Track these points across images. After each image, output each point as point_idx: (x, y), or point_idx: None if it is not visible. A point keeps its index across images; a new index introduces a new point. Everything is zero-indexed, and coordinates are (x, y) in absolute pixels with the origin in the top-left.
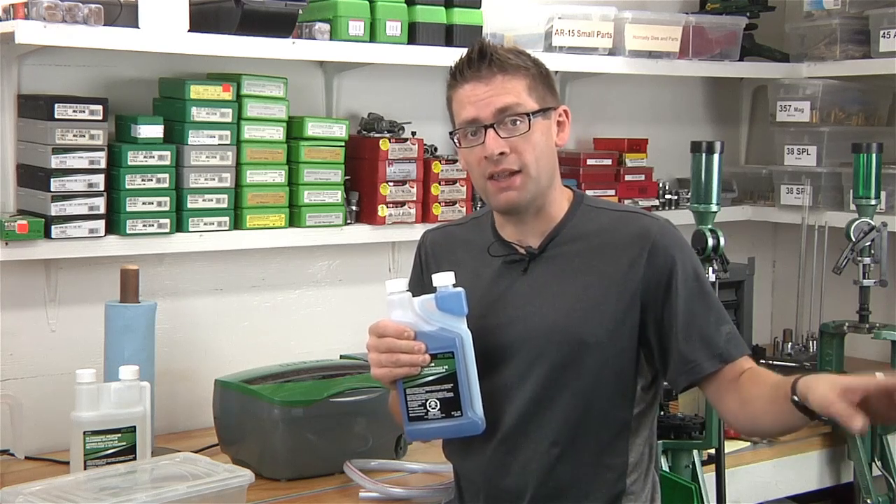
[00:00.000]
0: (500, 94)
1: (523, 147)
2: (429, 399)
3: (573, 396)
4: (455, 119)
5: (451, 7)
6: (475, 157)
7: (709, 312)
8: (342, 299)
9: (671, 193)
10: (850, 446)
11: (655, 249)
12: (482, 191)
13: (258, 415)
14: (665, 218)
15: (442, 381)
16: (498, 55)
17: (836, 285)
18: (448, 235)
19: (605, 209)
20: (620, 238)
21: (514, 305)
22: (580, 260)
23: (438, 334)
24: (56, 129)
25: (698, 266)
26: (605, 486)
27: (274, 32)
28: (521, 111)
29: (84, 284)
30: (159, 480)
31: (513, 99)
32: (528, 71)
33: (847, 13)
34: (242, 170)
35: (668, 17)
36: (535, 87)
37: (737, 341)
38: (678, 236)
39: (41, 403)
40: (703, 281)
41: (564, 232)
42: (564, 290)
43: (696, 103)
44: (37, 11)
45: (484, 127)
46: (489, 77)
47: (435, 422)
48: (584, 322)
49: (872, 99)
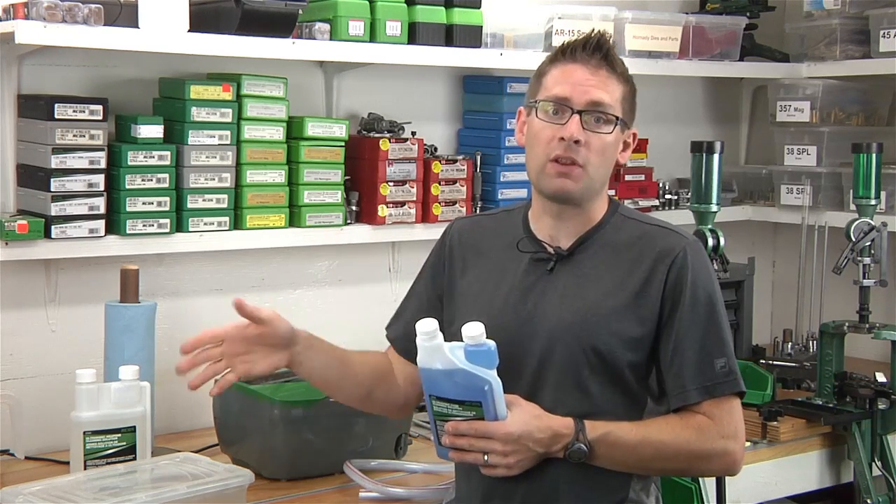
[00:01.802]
0: (600, 88)
1: (595, 146)
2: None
3: (578, 400)
4: (540, 90)
5: (451, 7)
6: (547, 134)
7: (709, 341)
8: (342, 299)
9: (671, 193)
10: (850, 446)
11: (675, 268)
12: (537, 169)
13: (258, 415)
14: (694, 238)
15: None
16: (612, 54)
17: (836, 285)
18: (477, 226)
19: (638, 221)
20: (646, 252)
21: (535, 304)
22: (605, 268)
23: (469, 382)
24: (56, 129)
25: (714, 292)
26: (609, 493)
27: (274, 32)
28: (611, 112)
29: (84, 284)
30: (159, 480)
31: (609, 98)
32: (627, 83)
33: (847, 13)
34: (242, 170)
35: (668, 17)
36: (627, 100)
37: (731, 378)
38: (701, 258)
39: (41, 403)
40: (715, 308)
41: (595, 237)
42: (585, 295)
43: (696, 103)
44: (37, 11)
45: (572, 110)
46: (596, 68)
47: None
48: (599, 330)
49: (872, 99)
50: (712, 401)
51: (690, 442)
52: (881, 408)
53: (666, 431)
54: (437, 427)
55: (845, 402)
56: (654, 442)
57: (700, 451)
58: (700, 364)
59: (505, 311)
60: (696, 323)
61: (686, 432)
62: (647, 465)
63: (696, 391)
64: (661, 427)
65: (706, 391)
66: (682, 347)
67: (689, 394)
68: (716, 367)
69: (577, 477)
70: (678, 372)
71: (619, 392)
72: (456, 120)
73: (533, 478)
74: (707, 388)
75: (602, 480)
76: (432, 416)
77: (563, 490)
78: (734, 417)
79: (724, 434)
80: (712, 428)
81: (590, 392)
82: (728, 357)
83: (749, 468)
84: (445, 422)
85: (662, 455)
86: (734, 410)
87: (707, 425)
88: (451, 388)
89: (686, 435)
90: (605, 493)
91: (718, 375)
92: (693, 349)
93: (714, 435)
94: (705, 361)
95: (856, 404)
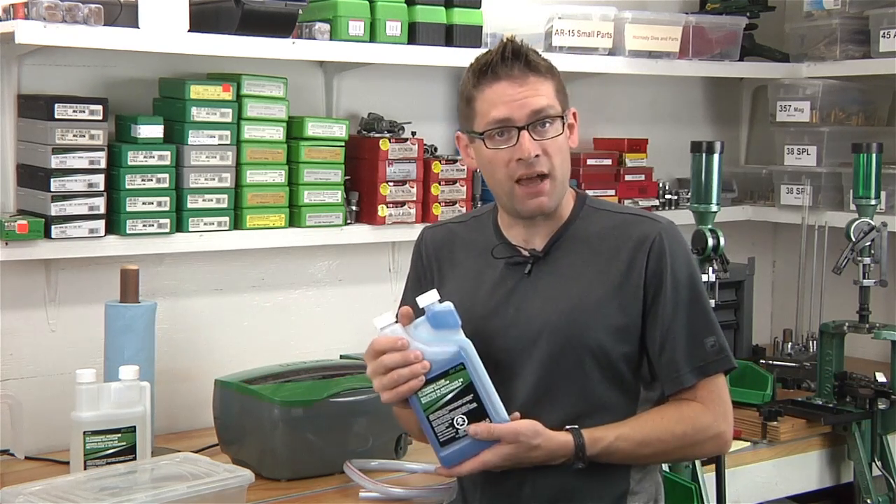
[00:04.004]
0: (535, 96)
1: (553, 150)
2: (455, 417)
3: (575, 399)
4: (476, 118)
5: (451, 7)
6: (503, 157)
7: (696, 322)
8: (342, 299)
9: (671, 193)
10: (850, 446)
11: (654, 255)
12: (506, 194)
13: (258, 415)
14: (668, 220)
15: (461, 394)
16: (531, 56)
17: (836, 285)
18: (449, 234)
19: (609, 211)
20: (622, 242)
21: (517, 307)
22: (582, 263)
23: (443, 352)
24: (56, 129)
25: (693, 272)
26: (609, 487)
27: (274, 32)
28: (554, 114)
29: (84, 284)
30: (159, 480)
31: (546, 100)
32: (553, 74)
33: (847, 13)
34: (242, 170)
35: (668, 17)
36: (559, 90)
37: (722, 355)
38: (677, 240)
39: (41, 403)
40: (696, 288)
41: (568, 234)
42: (567, 292)
43: (696, 103)
44: (37, 11)
45: (517, 128)
46: (522, 78)
47: (467, 438)
48: (586, 325)
49: (872, 99)
50: (705, 380)
51: (686, 434)
52: (881, 408)
53: (662, 428)
54: (433, 424)
55: (845, 402)
56: (651, 441)
57: (695, 440)
58: (691, 345)
59: (488, 318)
60: (681, 305)
61: (681, 426)
62: (645, 461)
63: (690, 374)
64: (657, 424)
65: (700, 371)
66: (672, 331)
67: (684, 377)
68: (706, 345)
69: (579, 474)
70: (671, 356)
71: (614, 386)
72: (456, 120)
73: (536, 475)
74: (700, 368)
75: (603, 477)
76: (424, 417)
77: (566, 486)
78: (724, 397)
79: (717, 417)
80: (706, 414)
81: (586, 389)
82: (717, 335)
83: (749, 468)
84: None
85: (660, 451)
86: (723, 389)
87: (701, 413)
88: (432, 364)
89: (682, 428)
90: (607, 487)
91: (710, 354)
92: (682, 332)
93: (708, 421)
94: (696, 342)
95: (856, 404)
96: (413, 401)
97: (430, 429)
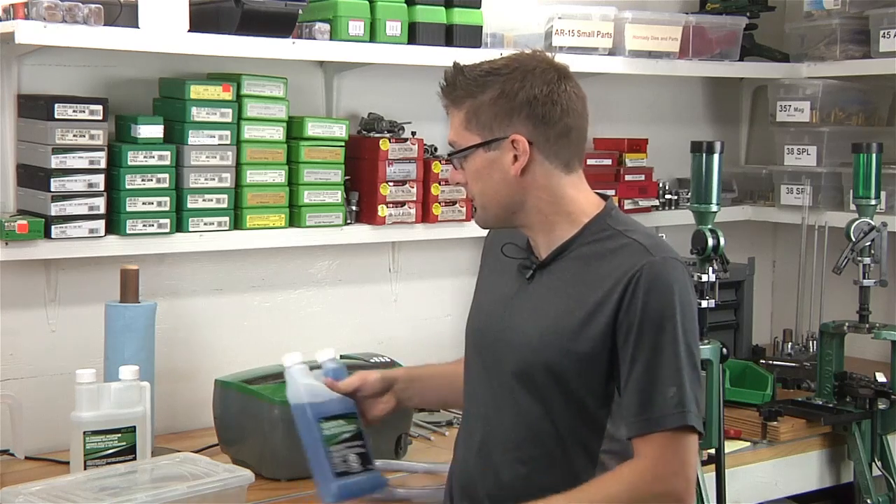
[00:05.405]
0: (450, 129)
1: (471, 178)
2: (348, 454)
3: (541, 421)
4: None
5: (451, 7)
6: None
7: (658, 369)
8: (342, 299)
9: (671, 193)
10: (850, 446)
11: (629, 291)
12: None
13: (258, 415)
14: (665, 256)
15: (354, 438)
16: (450, 84)
17: (836, 285)
18: (499, 233)
19: (621, 232)
20: (612, 269)
21: (511, 314)
22: (573, 282)
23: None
24: (56, 129)
25: (671, 315)
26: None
27: (274, 32)
28: (457, 148)
29: (84, 284)
30: (159, 480)
31: (453, 134)
32: (473, 100)
33: (847, 13)
34: (242, 170)
35: (668, 17)
36: (477, 117)
37: (680, 409)
38: (661, 278)
39: (41, 403)
40: (668, 332)
41: (573, 247)
42: (548, 310)
43: (696, 103)
44: (37, 11)
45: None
46: (448, 110)
47: (357, 475)
48: (554, 347)
49: (872, 99)
50: (656, 434)
51: (621, 495)
52: (881, 408)
53: (595, 492)
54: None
55: (845, 402)
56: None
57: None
58: (646, 394)
59: (484, 318)
60: (643, 348)
61: (616, 487)
62: None
63: (635, 424)
64: (592, 489)
65: (649, 424)
66: (632, 375)
67: (630, 426)
68: (664, 396)
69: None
70: (626, 401)
71: (577, 415)
72: None
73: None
74: (649, 420)
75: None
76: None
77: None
78: (678, 455)
79: (661, 475)
80: (647, 473)
81: (551, 411)
82: (679, 386)
83: (749, 468)
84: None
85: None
86: (680, 446)
87: (641, 471)
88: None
89: (617, 489)
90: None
91: (665, 406)
92: (640, 377)
93: (648, 480)
94: (652, 391)
95: (856, 404)
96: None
97: (326, 459)
